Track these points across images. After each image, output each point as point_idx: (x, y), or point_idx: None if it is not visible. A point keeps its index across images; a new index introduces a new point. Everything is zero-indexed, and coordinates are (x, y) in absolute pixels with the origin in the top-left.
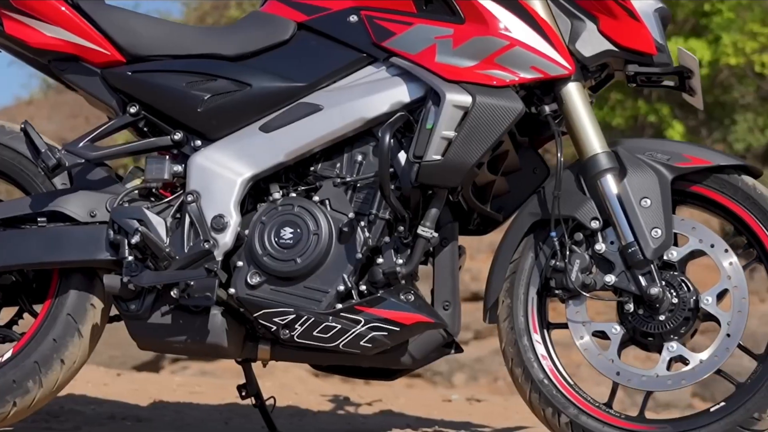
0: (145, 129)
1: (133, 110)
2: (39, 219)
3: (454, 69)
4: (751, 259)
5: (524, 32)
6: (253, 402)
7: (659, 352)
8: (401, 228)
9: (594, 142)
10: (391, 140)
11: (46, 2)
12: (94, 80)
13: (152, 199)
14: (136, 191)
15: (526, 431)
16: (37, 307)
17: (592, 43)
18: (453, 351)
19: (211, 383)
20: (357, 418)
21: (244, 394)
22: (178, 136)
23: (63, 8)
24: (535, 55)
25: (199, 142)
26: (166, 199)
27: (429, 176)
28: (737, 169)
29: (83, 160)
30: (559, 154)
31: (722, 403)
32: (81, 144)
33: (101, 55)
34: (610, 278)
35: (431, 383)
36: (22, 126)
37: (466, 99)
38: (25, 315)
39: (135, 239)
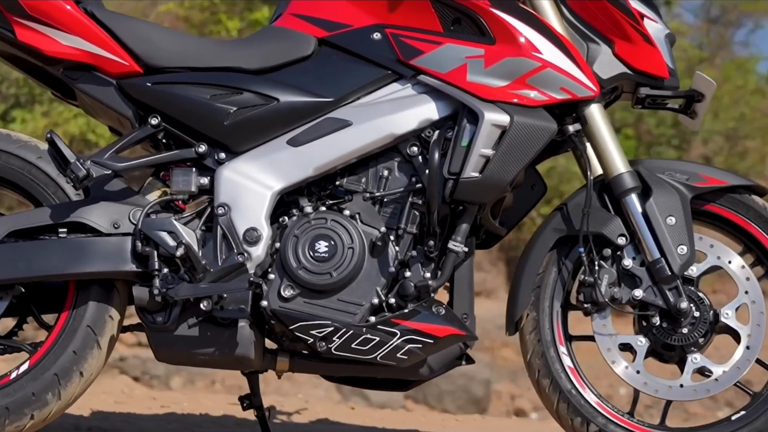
0: (164, 141)
1: (154, 122)
2: (59, 230)
3: (487, 88)
4: (760, 275)
5: (554, 54)
6: (255, 413)
7: (678, 363)
8: (431, 242)
9: (618, 161)
10: (441, 158)
11: (62, 10)
12: (109, 90)
13: (169, 210)
14: (158, 203)
15: None
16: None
17: (608, 65)
18: (464, 362)
19: (136, 392)
20: (300, 427)
21: (246, 404)
22: (202, 148)
23: (80, 17)
24: (565, 77)
25: (223, 155)
26: (192, 211)
27: (466, 192)
28: (746, 189)
29: (110, 171)
30: (588, 173)
31: (742, 412)
32: (106, 155)
33: (118, 65)
34: (639, 292)
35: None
36: (48, 136)
37: (504, 118)
38: (24, 326)
39: (179, 252)
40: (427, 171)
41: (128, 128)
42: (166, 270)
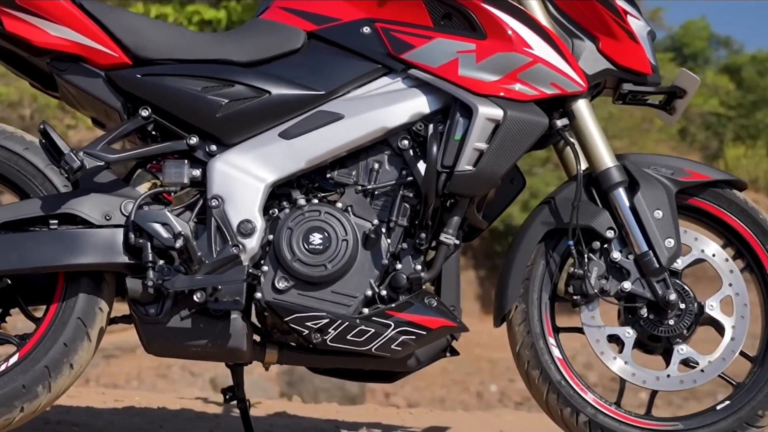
0: (153, 132)
1: (145, 113)
2: (50, 221)
3: (480, 83)
4: (741, 268)
5: (545, 50)
6: (238, 405)
7: (662, 354)
8: (423, 235)
9: (605, 156)
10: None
11: (52, 1)
12: (97, 82)
13: (157, 202)
14: (149, 195)
15: None
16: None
17: (592, 61)
18: (449, 354)
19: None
20: (260, 421)
21: (229, 396)
22: (193, 140)
23: (70, 7)
24: (555, 72)
25: (214, 147)
26: (182, 204)
27: (459, 186)
28: (726, 183)
29: (103, 163)
30: (578, 167)
31: (727, 402)
32: (99, 146)
33: (108, 56)
34: (627, 285)
35: None
36: (41, 127)
37: (497, 112)
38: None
39: (178, 243)
40: (419, 164)
41: (115, 120)
42: (161, 262)
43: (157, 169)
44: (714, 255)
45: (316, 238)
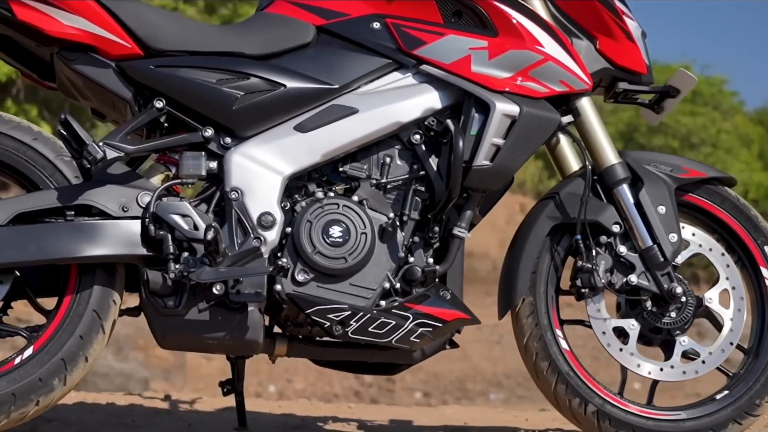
0: (165, 124)
1: (159, 105)
2: (67, 213)
3: (493, 79)
4: (733, 262)
5: (554, 48)
6: (236, 398)
7: (662, 346)
8: (436, 228)
9: (609, 153)
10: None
11: None
12: (107, 72)
13: (170, 194)
14: (165, 188)
15: None
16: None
17: (591, 60)
18: (448, 346)
19: None
20: (215, 415)
21: (227, 389)
22: (209, 132)
23: None
24: (564, 71)
25: (228, 140)
26: (198, 195)
27: (477, 180)
28: (719, 180)
29: (122, 154)
30: (587, 162)
31: (726, 392)
32: (118, 137)
33: (119, 46)
34: (634, 278)
35: None
36: (63, 117)
37: (514, 109)
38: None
39: (209, 235)
40: (431, 159)
41: (122, 111)
42: (186, 254)
43: (167, 161)
44: (711, 250)
45: (336, 231)
